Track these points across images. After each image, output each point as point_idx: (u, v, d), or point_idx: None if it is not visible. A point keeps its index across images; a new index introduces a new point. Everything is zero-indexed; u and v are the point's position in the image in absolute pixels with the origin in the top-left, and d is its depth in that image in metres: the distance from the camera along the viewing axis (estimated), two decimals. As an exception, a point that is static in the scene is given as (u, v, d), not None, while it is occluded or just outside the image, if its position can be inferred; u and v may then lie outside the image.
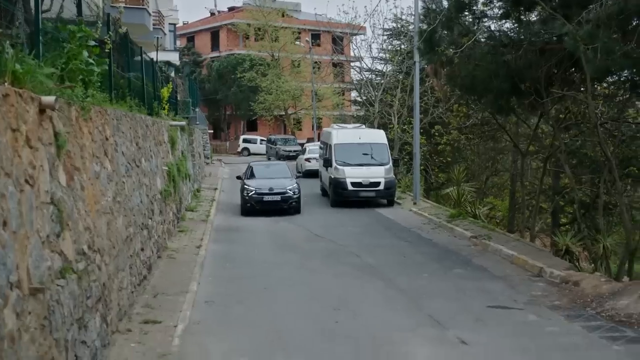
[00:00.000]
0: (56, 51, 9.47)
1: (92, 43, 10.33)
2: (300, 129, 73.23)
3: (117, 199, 11.98)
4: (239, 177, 29.35)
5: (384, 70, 46.56)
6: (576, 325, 12.42)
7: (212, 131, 66.27)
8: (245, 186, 27.19)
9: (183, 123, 26.26)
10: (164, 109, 23.33)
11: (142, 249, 14.45)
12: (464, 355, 10.70)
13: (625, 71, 19.67)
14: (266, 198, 26.54)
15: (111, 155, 11.91)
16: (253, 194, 26.64)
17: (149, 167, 16.52)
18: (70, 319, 8.24)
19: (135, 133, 14.94)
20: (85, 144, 9.98)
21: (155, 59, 26.57)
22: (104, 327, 9.96)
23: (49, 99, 7.94)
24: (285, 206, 26.70)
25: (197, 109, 42.30)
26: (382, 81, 43.79)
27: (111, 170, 11.76)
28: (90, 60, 10.17)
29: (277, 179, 27.76)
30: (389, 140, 32.33)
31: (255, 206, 26.54)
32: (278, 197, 26.62)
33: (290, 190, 26.87)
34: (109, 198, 11.27)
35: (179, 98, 33.86)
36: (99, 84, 11.58)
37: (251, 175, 28.75)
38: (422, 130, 34.04)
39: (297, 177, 29.43)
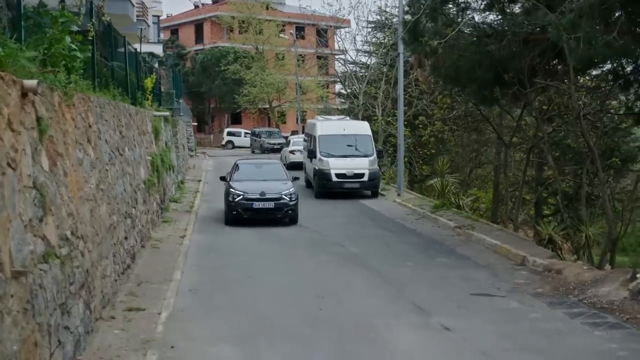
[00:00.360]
0: (38, 36, 9.41)
1: (75, 29, 10.30)
2: (285, 122, 73.13)
3: (100, 187, 11.94)
4: (223, 178, 24.03)
5: (368, 63, 46.64)
6: (558, 312, 12.52)
7: (196, 124, 66.11)
8: (231, 189, 22.23)
9: (167, 113, 26.17)
10: (147, 99, 23.24)
11: (126, 238, 14.42)
12: (447, 341, 10.76)
13: (608, 63, 19.83)
14: (256, 205, 21.78)
15: (94, 142, 11.87)
16: (240, 199, 21.80)
17: (132, 156, 16.46)
18: (53, 304, 8.21)
19: (118, 122, 14.89)
20: (68, 130, 9.93)
21: (138, 50, 26.45)
22: (87, 314, 9.93)
23: (31, 82, 7.90)
24: (280, 215, 22.10)
25: (180, 101, 42.17)
26: (367, 73, 43.82)
27: (94, 157, 11.71)
28: (73, 46, 10.12)
29: (270, 181, 23.00)
30: (373, 132, 32.36)
31: (243, 214, 21.83)
32: (271, 204, 21.89)
33: (286, 195, 22.08)
34: (92, 185, 11.23)
35: (162, 89, 33.74)
36: (82, 71, 11.53)
37: (238, 175, 23.57)
38: (406, 123, 34.11)
39: (295, 180, 23.96)
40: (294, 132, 58.67)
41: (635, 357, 10.01)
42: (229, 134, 69.18)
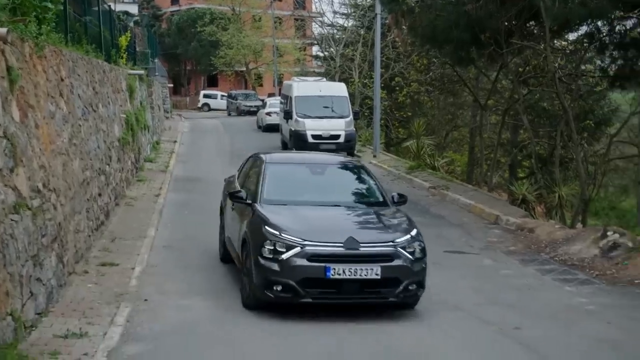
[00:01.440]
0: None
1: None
2: (261, 85, 72.73)
3: (73, 141, 11.84)
4: (235, 197, 10.80)
5: (345, 25, 46.44)
6: (530, 269, 12.71)
7: (172, 85, 65.61)
8: (269, 230, 9.56)
9: (142, 72, 25.86)
10: (122, 57, 22.95)
11: (100, 194, 14.34)
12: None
13: (584, 24, 19.88)
14: (337, 272, 9.22)
15: (67, 96, 11.73)
16: (296, 256, 9.27)
17: (106, 113, 16.30)
18: (25, 255, 8.17)
19: (92, 77, 14.72)
20: (39, 82, 9.82)
21: (113, 9, 26.07)
22: (60, 267, 9.90)
23: (0, 30, 7.78)
24: (392, 298, 9.52)
25: (156, 61, 41.73)
26: (344, 36, 43.67)
27: (67, 111, 11.59)
28: (44, -4, 9.96)
29: (353, 209, 10.83)
30: (349, 94, 32.28)
31: (302, 294, 9.27)
32: (373, 270, 9.29)
33: (405, 247, 9.63)
34: (64, 139, 11.13)
35: (137, 49, 33.35)
36: (54, 24, 11.37)
37: (274, 193, 10.67)
38: (382, 85, 34.07)
39: (401, 202, 11.26)
40: (270, 95, 58.48)
41: (604, 311, 10.20)
42: (205, 96, 68.89)
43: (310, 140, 28.32)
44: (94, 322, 8.73)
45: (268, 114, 40.78)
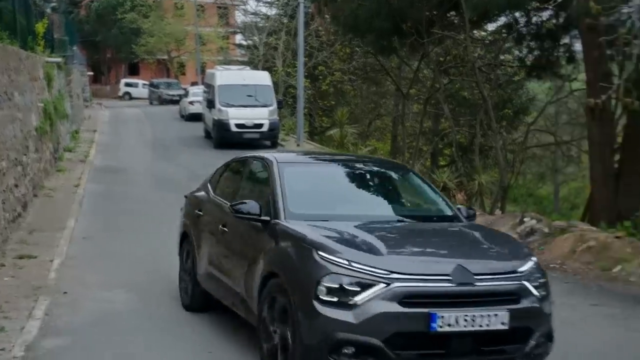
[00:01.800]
0: None
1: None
2: (184, 73, 71.89)
3: (-13, 131, 11.50)
4: (240, 211, 7.05)
5: (268, 14, 46.38)
6: (450, 255, 12.88)
7: (91, 74, 64.28)
8: (332, 281, 5.85)
9: (59, 60, 25.27)
10: (39, 44, 22.35)
11: (16, 185, 13.96)
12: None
13: (503, 15, 20.32)
14: (446, 322, 5.81)
15: (-20, 84, 11.38)
16: (382, 315, 5.75)
17: (22, 101, 15.86)
18: (-64, 248, 7.91)
19: (7, 65, 14.29)
20: (-50, 70, 9.49)
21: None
22: (-26, 260, 9.62)
23: None
24: (523, 358, 6.19)
25: (74, 48, 40.82)
26: (267, 24, 43.55)
27: (-20, 100, 11.25)
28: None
29: (430, 231, 7.18)
30: (273, 83, 32.23)
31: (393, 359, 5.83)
32: (498, 320, 5.92)
33: (531, 287, 6.25)
34: (-22, 128, 10.80)
35: (55, 36, 32.53)
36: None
37: (300, 207, 7.04)
38: (306, 74, 34.13)
39: (470, 217, 7.63)
40: (193, 84, 57.83)
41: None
42: (127, 84, 67.82)
43: (234, 129, 28.24)
44: (11, 317, 8.51)
45: (191, 102, 40.40)
